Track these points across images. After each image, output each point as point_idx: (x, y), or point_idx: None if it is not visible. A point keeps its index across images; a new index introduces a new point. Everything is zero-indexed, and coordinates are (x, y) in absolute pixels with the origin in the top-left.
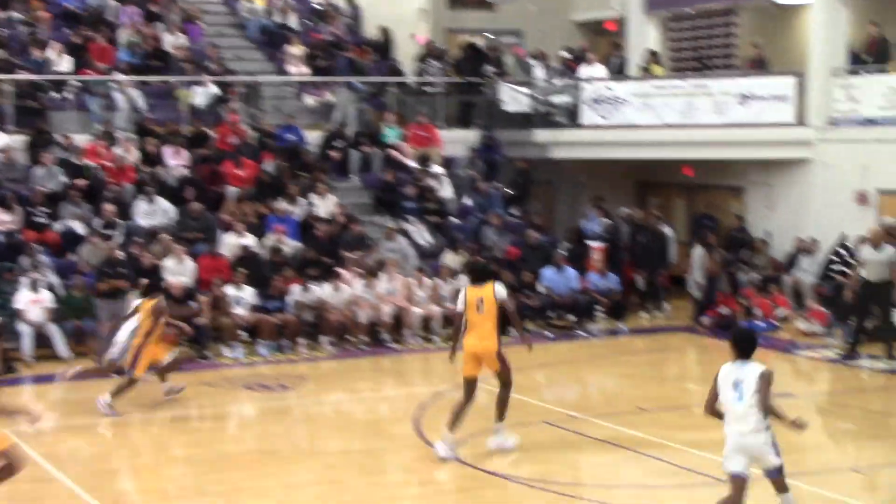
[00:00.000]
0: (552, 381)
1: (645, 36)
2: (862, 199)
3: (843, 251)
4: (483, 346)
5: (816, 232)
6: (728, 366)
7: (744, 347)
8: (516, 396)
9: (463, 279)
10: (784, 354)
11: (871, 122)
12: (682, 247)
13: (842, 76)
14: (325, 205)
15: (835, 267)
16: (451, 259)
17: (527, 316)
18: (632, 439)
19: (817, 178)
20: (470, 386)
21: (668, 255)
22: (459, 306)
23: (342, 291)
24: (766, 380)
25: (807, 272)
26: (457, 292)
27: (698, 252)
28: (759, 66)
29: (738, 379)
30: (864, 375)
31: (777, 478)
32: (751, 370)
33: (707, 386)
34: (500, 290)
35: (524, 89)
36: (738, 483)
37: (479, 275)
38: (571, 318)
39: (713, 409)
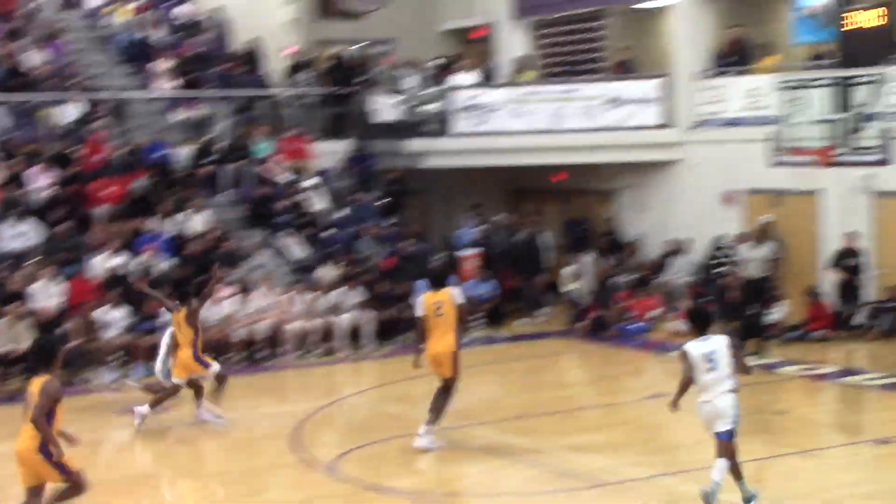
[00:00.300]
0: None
1: (514, 43)
2: (729, 198)
3: (721, 251)
4: (441, 348)
5: (686, 232)
6: (693, 343)
7: (701, 323)
8: (393, 410)
9: (340, 292)
10: (658, 355)
11: (735, 122)
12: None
13: (706, 78)
14: (197, 221)
15: (715, 267)
16: (326, 272)
17: (404, 327)
18: (511, 446)
19: (685, 179)
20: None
21: (543, 261)
22: (419, 312)
23: (216, 309)
24: (735, 346)
25: (678, 273)
26: (332, 305)
27: (588, 258)
28: (626, 69)
29: (710, 351)
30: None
31: (728, 440)
32: (717, 342)
33: (585, 389)
34: (457, 294)
35: (395, 99)
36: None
37: (438, 280)
38: None
39: (686, 386)
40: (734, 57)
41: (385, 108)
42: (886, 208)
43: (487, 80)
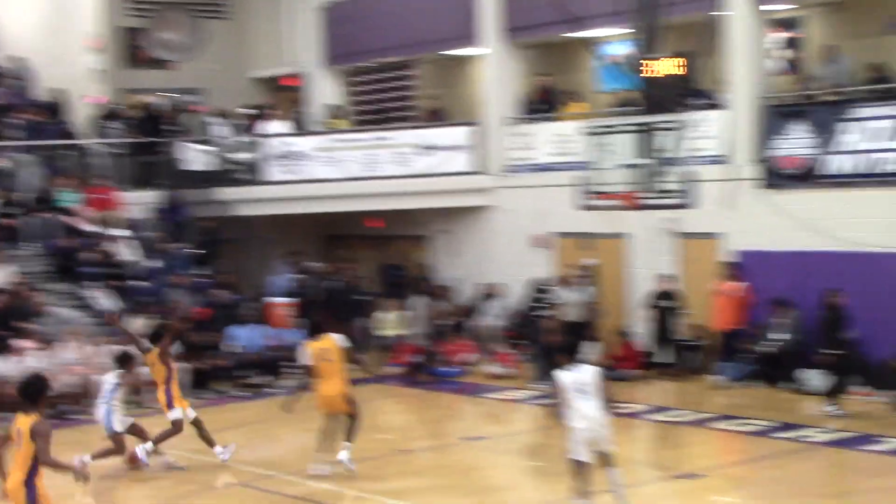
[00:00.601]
0: (246, 441)
1: (325, 90)
2: (540, 242)
3: (541, 294)
4: (333, 392)
5: (500, 276)
6: (565, 372)
7: (572, 354)
8: (211, 460)
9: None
10: (473, 398)
11: (544, 168)
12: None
13: (515, 124)
14: (1, 274)
15: (535, 310)
16: (136, 323)
17: (217, 376)
18: (326, 494)
19: (497, 224)
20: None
21: (362, 307)
22: (307, 360)
23: (19, 363)
24: (603, 376)
25: (492, 317)
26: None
27: (421, 302)
28: (436, 116)
29: (580, 380)
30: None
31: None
32: (588, 371)
33: (402, 434)
34: (340, 339)
35: (206, 148)
36: (586, 469)
37: (316, 329)
38: (260, 378)
39: (558, 414)
40: (542, 104)
41: (196, 157)
42: (690, 249)
43: (299, 129)
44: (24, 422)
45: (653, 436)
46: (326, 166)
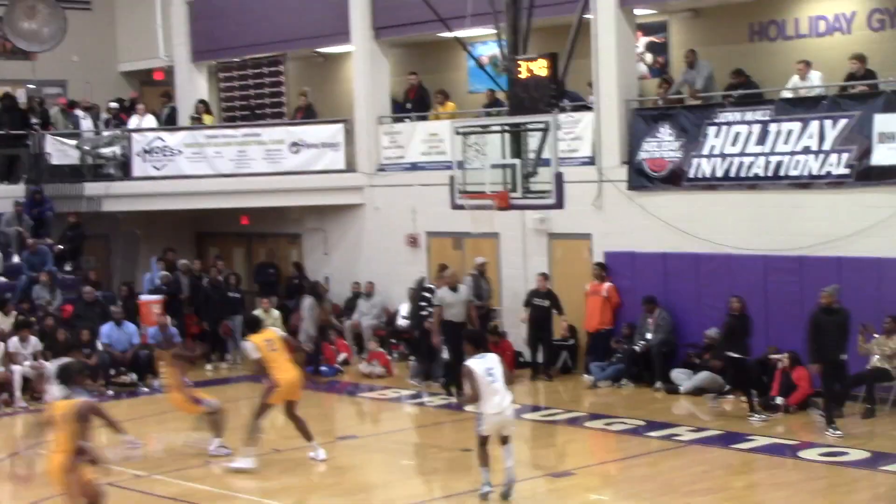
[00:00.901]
0: (116, 440)
1: (195, 85)
2: (412, 241)
3: (427, 294)
4: (292, 377)
5: (373, 275)
6: (474, 360)
7: (478, 343)
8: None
9: (14, 341)
10: (348, 397)
11: (415, 167)
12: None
13: (386, 123)
14: None
15: (421, 310)
16: (0, 320)
17: (87, 375)
18: (200, 493)
19: (370, 222)
20: (268, 410)
21: (234, 305)
22: (255, 355)
23: None
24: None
25: (366, 315)
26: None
27: (308, 302)
28: (307, 114)
29: (488, 367)
30: (430, 412)
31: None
32: (492, 359)
33: (276, 432)
34: (278, 330)
35: (71, 141)
36: (485, 441)
37: (253, 326)
38: (131, 376)
39: (476, 398)
40: (414, 103)
41: (61, 150)
42: (560, 250)
43: (168, 124)
44: (64, 405)
45: (526, 435)
46: (196, 162)
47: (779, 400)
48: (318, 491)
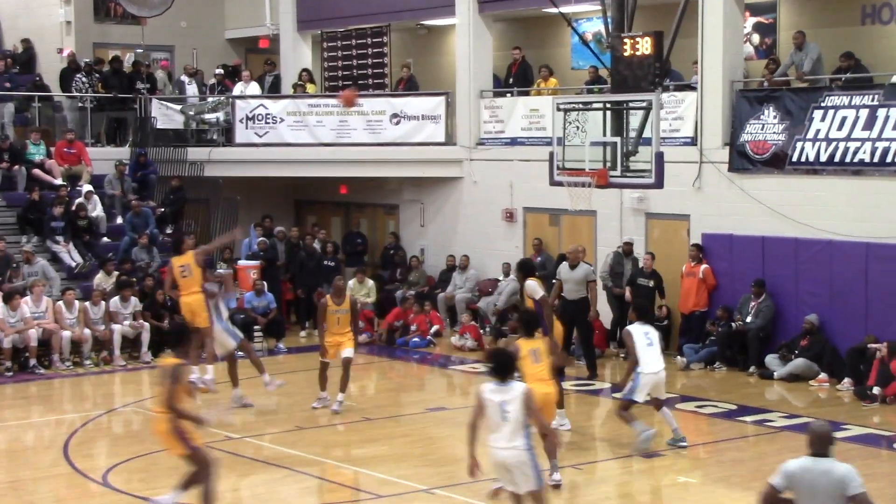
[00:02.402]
0: (209, 402)
1: (299, 54)
2: (509, 216)
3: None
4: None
5: (468, 249)
6: (491, 385)
7: (504, 369)
8: None
9: (115, 301)
10: (440, 369)
11: (515, 142)
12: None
13: (488, 97)
14: None
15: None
16: (102, 279)
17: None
18: (291, 457)
19: (467, 195)
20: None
21: (326, 273)
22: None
23: None
24: (530, 395)
25: (460, 288)
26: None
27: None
28: (409, 85)
29: (504, 400)
30: None
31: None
32: (516, 389)
33: (366, 401)
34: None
35: (176, 106)
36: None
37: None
38: None
39: (475, 426)
40: (516, 78)
41: (166, 115)
42: (658, 229)
43: (271, 92)
44: (163, 364)
45: (613, 414)
46: (297, 131)
47: (875, 390)
48: (406, 460)
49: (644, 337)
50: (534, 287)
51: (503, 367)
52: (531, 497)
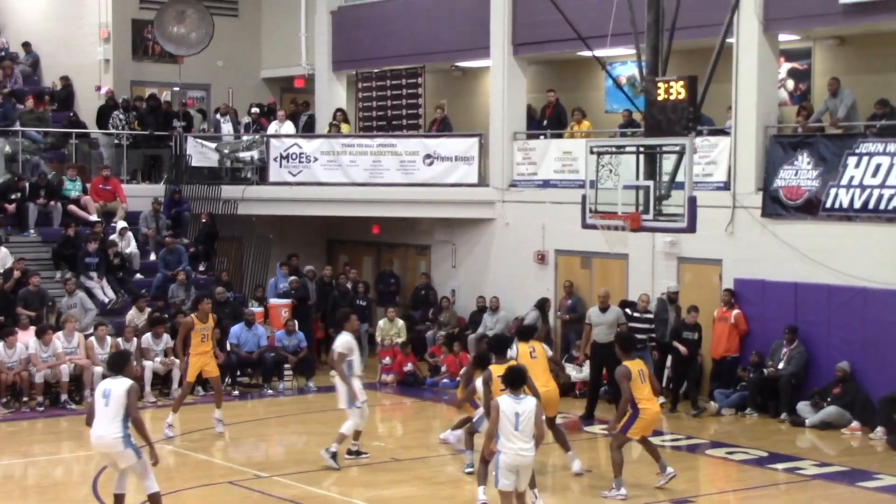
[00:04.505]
0: (238, 440)
1: (334, 94)
2: (541, 258)
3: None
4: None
5: (498, 290)
6: (507, 398)
7: (515, 383)
8: (201, 457)
9: (147, 337)
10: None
11: (548, 184)
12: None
13: (521, 139)
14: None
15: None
16: (134, 316)
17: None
18: (317, 498)
19: (499, 237)
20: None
21: (358, 312)
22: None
23: (16, 349)
24: (539, 408)
25: (490, 329)
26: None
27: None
28: (443, 126)
29: (517, 412)
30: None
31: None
32: (528, 403)
33: (393, 442)
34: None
35: (211, 144)
36: (508, 497)
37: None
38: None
39: (493, 433)
40: (549, 120)
41: (201, 152)
42: (690, 273)
43: (305, 131)
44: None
45: (648, 459)
46: (330, 170)
47: None
48: (433, 502)
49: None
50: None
51: (516, 380)
52: (523, 495)
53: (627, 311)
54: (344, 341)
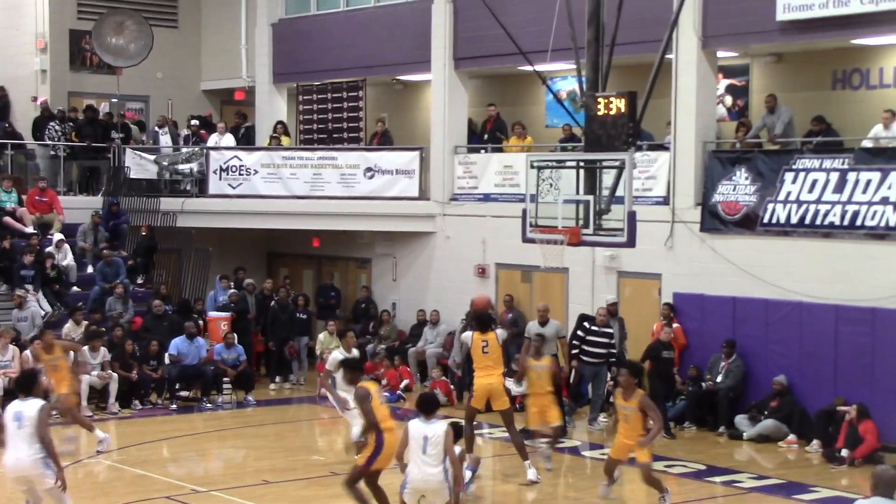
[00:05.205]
0: (176, 454)
1: (274, 106)
2: (481, 272)
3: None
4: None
5: (438, 304)
6: (416, 421)
7: (427, 408)
8: (138, 471)
9: (84, 351)
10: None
11: (488, 198)
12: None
13: (462, 153)
14: None
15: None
16: (71, 329)
17: (152, 388)
18: None
19: (440, 251)
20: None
21: (298, 326)
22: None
23: None
24: (450, 434)
25: (431, 343)
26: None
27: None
28: (384, 140)
29: (426, 435)
30: (488, 444)
31: None
32: (438, 427)
33: (334, 455)
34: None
35: (150, 156)
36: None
37: (484, 324)
38: (193, 392)
39: (401, 456)
40: (490, 134)
41: (140, 164)
42: (630, 287)
43: (244, 142)
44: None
45: (587, 473)
46: (271, 183)
47: (844, 452)
48: None
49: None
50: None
51: (428, 406)
52: None
53: (586, 324)
54: (332, 358)
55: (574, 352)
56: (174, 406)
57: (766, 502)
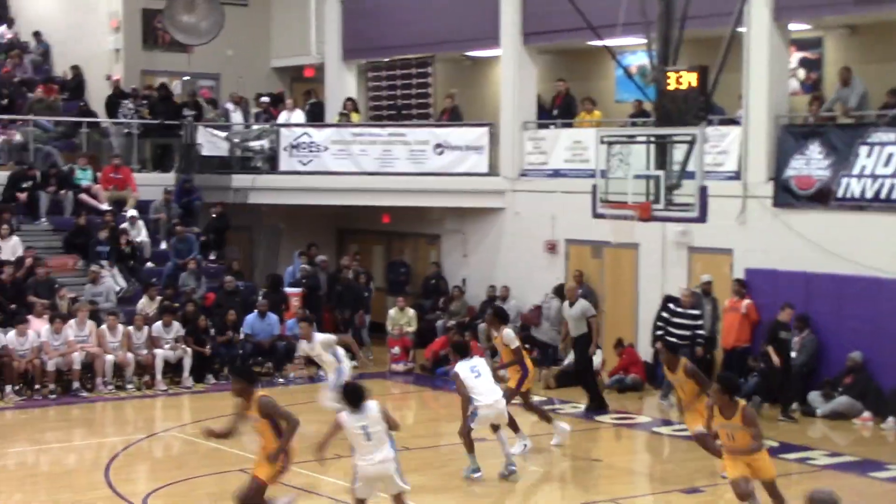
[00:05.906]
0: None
1: (344, 83)
2: (551, 248)
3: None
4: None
5: (508, 280)
6: (345, 415)
7: (354, 400)
8: (212, 445)
9: (158, 326)
10: None
11: (558, 173)
12: (379, 293)
13: (531, 129)
14: (9, 247)
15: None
16: (145, 304)
17: (223, 363)
18: (329, 486)
19: (509, 227)
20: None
21: (366, 302)
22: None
23: (28, 337)
24: (382, 406)
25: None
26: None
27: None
28: (453, 116)
29: (362, 424)
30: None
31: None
32: (369, 409)
33: (404, 431)
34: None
35: (221, 133)
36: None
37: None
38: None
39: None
40: (559, 109)
41: (212, 142)
42: (701, 263)
43: (311, 118)
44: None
45: (659, 450)
46: (341, 159)
47: None
48: (445, 492)
49: (471, 371)
50: (511, 336)
51: (355, 397)
52: (401, 496)
53: (671, 306)
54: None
55: (659, 333)
56: None
57: (841, 479)
